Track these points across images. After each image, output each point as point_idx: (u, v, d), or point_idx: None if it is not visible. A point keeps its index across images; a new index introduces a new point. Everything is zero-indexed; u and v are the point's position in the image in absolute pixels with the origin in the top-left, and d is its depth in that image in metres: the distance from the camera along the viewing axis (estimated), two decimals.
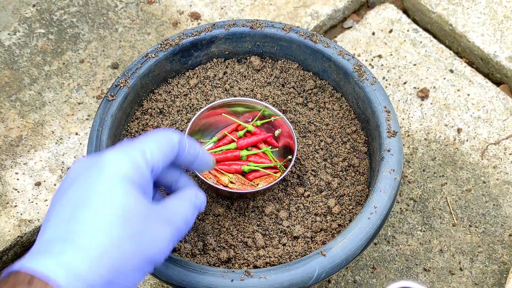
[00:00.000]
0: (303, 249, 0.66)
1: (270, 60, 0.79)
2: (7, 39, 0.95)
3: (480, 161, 0.86)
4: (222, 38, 0.77)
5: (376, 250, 0.79)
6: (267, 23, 0.77)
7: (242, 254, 0.66)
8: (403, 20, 0.98)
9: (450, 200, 0.83)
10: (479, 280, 0.77)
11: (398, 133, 0.69)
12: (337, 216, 0.69)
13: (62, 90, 0.90)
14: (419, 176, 0.85)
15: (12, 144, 0.85)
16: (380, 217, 0.64)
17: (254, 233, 0.68)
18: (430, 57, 0.94)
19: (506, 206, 0.82)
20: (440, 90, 0.91)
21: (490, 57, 0.93)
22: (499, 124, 0.88)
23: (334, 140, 0.74)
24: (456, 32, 0.96)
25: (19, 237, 0.78)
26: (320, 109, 0.77)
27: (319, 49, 0.75)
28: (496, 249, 0.79)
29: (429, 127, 0.88)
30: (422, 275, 0.78)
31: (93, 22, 0.97)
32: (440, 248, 0.79)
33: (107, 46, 0.95)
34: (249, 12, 0.98)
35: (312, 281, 0.60)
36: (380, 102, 0.71)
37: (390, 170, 0.66)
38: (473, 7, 0.98)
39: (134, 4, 0.99)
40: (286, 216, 0.69)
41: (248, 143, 0.73)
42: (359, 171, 0.72)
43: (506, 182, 0.84)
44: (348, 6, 1.00)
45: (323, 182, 0.71)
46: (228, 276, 0.59)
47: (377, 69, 0.93)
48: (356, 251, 0.62)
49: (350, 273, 0.78)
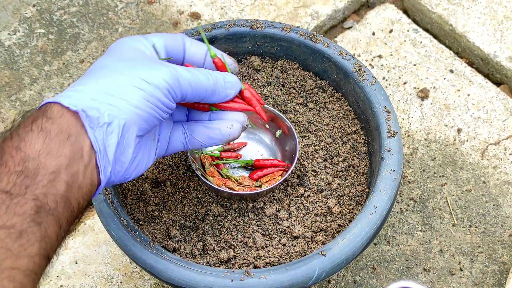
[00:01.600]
0: (303, 249, 0.66)
1: (270, 60, 0.79)
2: (7, 39, 0.95)
3: (480, 161, 0.86)
4: (222, 38, 0.77)
5: (376, 250, 0.79)
6: (267, 23, 0.77)
7: (242, 254, 0.66)
8: (403, 20, 0.98)
9: (450, 200, 0.83)
10: (479, 280, 0.77)
11: (398, 133, 0.69)
12: (337, 216, 0.69)
13: (62, 90, 0.90)
14: (419, 176, 0.85)
15: None
16: (380, 217, 0.64)
17: (254, 233, 0.68)
18: (430, 57, 0.94)
19: (506, 206, 0.82)
20: (440, 90, 0.91)
21: (490, 57, 0.94)
22: (499, 124, 0.88)
23: (334, 140, 0.74)
24: (456, 32, 0.96)
25: None
26: (320, 109, 0.77)
27: (319, 49, 0.75)
28: (496, 249, 0.79)
29: (429, 127, 0.88)
30: (422, 275, 0.78)
31: (93, 22, 0.97)
32: (440, 248, 0.79)
33: (107, 46, 0.95)
34: (249, 12, 0.98)
35: (312, 281, 0.60)
36: (380, 102, 0.71)
37: (390, 170, 0.66)
38: (473, 7, 0.98)
39: (134, 4, 0.99)
40: (286, 216, 0.69)
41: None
42: (359, 171, 0.72)
43: (506, 182, 0.84)
44: (348, 6, 1.00)
45: (323, 182, 0.71)
46: (228, 276, 0.59)
47: (377, 69, 0.93)
48: (356, 251, 0.62)
49: (350, 273, 0.78)
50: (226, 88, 0.60)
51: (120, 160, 0.52)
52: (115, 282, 0.77)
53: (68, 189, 0.47)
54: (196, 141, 0.62)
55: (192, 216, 0.69)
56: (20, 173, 0.46)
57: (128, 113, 0.51)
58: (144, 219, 0.68)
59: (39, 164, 0.46)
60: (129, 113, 0.51)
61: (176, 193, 0.71)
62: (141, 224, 0.68)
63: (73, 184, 0.48)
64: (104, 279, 0.77)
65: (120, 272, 0.78)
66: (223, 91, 0.60)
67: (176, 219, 0.69)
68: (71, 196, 0.48)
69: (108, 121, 0.50)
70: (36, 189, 0.46)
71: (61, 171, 0.47)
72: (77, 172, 0.48)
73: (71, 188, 0.48)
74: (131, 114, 0.51)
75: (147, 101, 0.53)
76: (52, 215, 0.46)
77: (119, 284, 0.77)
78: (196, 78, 0.57)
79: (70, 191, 0.47)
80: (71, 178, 0.48)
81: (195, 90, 0.57)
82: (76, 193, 0.48)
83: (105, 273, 0.78)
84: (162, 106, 0.54)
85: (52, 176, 0.46)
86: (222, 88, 0.60)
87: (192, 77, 0.56)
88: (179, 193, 0.71)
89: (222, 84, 0.60)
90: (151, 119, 0.54)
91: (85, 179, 0.49)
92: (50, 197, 0.46)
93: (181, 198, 0.71)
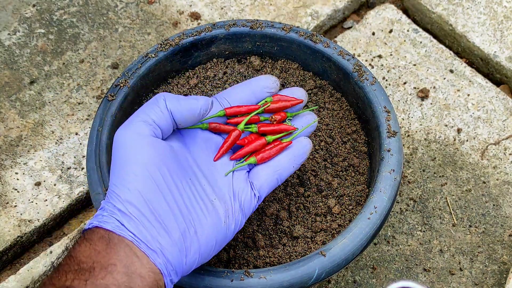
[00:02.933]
0: (303, 249, 0.66)
1: (270, 60, 0.79)
2: (7, 39, 0.95)
3: (480, 161, 0.86)
4: (222, 38, 0.77)
5: (376, 250, 0.79)
6: (267, 23, 0.77)
7: (242, 254, 0.66)
8: (403, 20, 0.98)
9: (450, 200, 0.83)
10: (479, 280, 0.77)
11: (398, 133, 0.69)
12: (337, 216, 0.69)
13: (62, 90, 0.90)
14: (419, 176, 0.85)
15: (12, 144, 0.85)
16: (380, 217, 0.64)
17: (254, 233, 0.68)
18: (430, 57, 0.94)
19: (506, 206, 0.82)
20: (440, 90, 0.91)
21: (490, 57, 0.94)
22: (499, 124, 0.88)
23: (334, 140, 0.74)
24: (456, 32, 0.96)
25: (19, 237, 0.78)
26: (320, 109, 0.77)
27: (319, 49, 0.75)
28: (496, 249, 0.79)
29: (429, 127, 0.88)
30: (422, 275, 0.78)
31: (93, 22, 0.97)
32: (440, 248, 0.79)
33: (107, 46, 0.95)
34: (249, 12, 0.98)
35: (312, 281, 0.60)
36: (380, 102, 0.71)
37: (390, 170, 0.66)
38: (473, 7, 0.98)
39: (134, 4, 0.99)
40: (286, 216, 0.69)
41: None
42: (359, 171, 0.72)
43: (506, 182, 0.84)
44: (348, 6, 1.00)
45: (323, 182, 0.71)
46: (228, 276, 0.59)
47: (377, 69, 0.93)
48: (356, 251, 0.62)
49: (350, 273, 0.78)
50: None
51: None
52: None
53: (128, 279, 0.49)
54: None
55: None
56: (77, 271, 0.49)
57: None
58: None
59: (95, 262, 0.49)
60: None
61: None
62: None
63: (132, 275, 0.50)
64: None
65: None
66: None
67: None
68: (135, 285, 0.49)
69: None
70: (96, 280, 0.48)
71: (117, 264, 0.49)
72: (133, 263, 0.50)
73: (130, 278, 0.49)
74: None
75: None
76: None
77: None
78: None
79: (131, 280, 0.49)
80: (128, 270, 0.50)
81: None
82: (140, 283, 0.50)
83: None
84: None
85: (110, 269, 0.49)
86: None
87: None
88: None
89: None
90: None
91: (143, 269, 0.50)
92: (112, 286, 0.48)
93: None
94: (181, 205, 0.54)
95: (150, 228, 0.51)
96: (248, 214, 0.59)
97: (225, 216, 0.56)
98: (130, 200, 0.51)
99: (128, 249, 0.50)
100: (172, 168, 0.54)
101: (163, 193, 0.53)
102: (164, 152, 0.55)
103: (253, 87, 0.65)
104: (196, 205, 0.55)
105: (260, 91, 0.65)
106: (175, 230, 0.52)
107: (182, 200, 0.54)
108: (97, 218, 0.52)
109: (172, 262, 0.52)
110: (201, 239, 0.54)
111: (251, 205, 0.58)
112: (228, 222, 0.56)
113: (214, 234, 0.55)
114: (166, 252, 0.52)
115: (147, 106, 0.57)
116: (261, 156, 0.61)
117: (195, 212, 0.54)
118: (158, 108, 0.56)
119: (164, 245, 0.51)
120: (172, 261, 0.52)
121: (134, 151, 0.53)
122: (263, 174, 0.60)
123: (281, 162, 0.62)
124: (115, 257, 0.49)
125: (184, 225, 0.53)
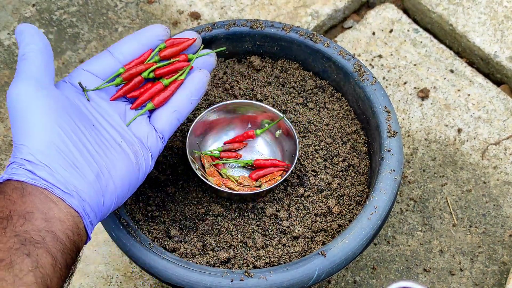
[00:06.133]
0: (303, 249, 0.66)
1: (270, 60, 0.79)
2: (7, 39, 0.95)
3: (480, 161, 0.86)
4: (222, 38, 0.76)
5: (376, 250, 0.79)
6: (267, 23, 0.77)
7: (242, 254, 0.66)
8: (403, 20, 0.98)
9: (450, 201, 0.83)
10: (479, 280, 0.77)
11: (398, 133, 0.69)
12: (337, 216, 0.69)
13: None
14: (419, 176, 0.85)
15: (11, 144, 0.85)
16: (380, 218, 0.64)
17: (254, 233, 0.68)
18: (430, 57, 0.94)
19: (506, 206, 0.82)
20: (441, 90, 0.91)
21: (491, 57, 0.93)
22: (499, 124, 0.88)
23: (334, 140, 0.74)
24: (457, 32, 0.96)
25: None
26: (320, 109, 0.77)
27: (319, 49, 0.75)
28: (496, 249, 0.79)
29: (429, 127, 0.88)
30: (422, 276, 0.78)
31: (93, 22, 0.97)
32: (440, 249, 0.79)
33: (107, 46, 0.95)
34: (249, 12, 0.98)
35: (312, 281, 0.60)
36: (380, 102, 0.71)
37: (390, 170, 0.66)
38: (474, 7, 0.97)
39: (134, 3, 0.99)
40: (286, 216, 0.69)
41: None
42: (359, 171, 0.72)
43: (506, 182, 0.84)
44: (348, 6, 1.00)
45: (323, 182, 0.71)
46: (228, 276, 0.59)
47: (377, 69, 0.93)
48: (356, 251, 0.62)
49: (350, 274, 0.78)
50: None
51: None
52: (114, 282, 0.77)
53: (48, 224, 0.50)
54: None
55: (192, 216, 0.69)
56: None
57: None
58: (144, 219, 0.68)
59: (11, 211, 0.49)
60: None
61: (175, 193, 0.71)
62: (141, 224, 0.67)
63: (51, 220, 0.50)
64: (104, 279, 0.77)
65: (120, 272, 0.78)
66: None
67: (175, 219, 0.69)
68: (56, 229, 0.50)
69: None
70: (14, 227, 0.48)
71: (34, 211, 0.50)
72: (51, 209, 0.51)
73: (50, 223, 0.50)
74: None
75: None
76: (41, 247, 0.48)
77: (118, 284, 0.77)
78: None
79: (51, 225, 0.50)
80: (46, 216, 0.50)
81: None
82: (60, 227, 0.50)
83: (105, 273, 0.78)
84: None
85: (28, 216, 0.49)
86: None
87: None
88: (178, 193, 0.71)
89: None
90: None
91: (61, 213, 0.51)
92: (32, 232, 0.48)
93: (180, 198, 0.70)
94: (90, 149, 0.55)
95: (63, 172, 0.52)
96: (156, 155, 0.60)
97: (135, 156, 0.57)
98: (38, 148, 0.52)
99: (43, 196, 0.50)
100: (74, 114, 0.55)
101: (70, 139, 0.53)
102: (61, 100, 0.55)
103: (143, 38, 0.64)
104: (105, 148, 0.56)
105: (152, 41, 0.64)
106: (89, 172, 0.53)
107: (90, 144, 0.55)
108: (7, 171, 0.52)
109: (90, 203, 0.53)
110: (116, 180, 0.55)
111: (157, 147, 0.60)
112: (138, 162, 0.58)
113: (127, 174, 0.56)
114: (82, 193, 0.52)
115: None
116: (157, 99, 0.62)
117: (106, 155, 0.55)
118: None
119: (79, 187, 0.52)
120: (89, 202, 0.53)
121: (31, 103, 0.54)
122: (163, 117, 0.62)
123: (178, 100, 0.62)
124: (31, 205, 0.50)
125: (96, 167, 0.54)
